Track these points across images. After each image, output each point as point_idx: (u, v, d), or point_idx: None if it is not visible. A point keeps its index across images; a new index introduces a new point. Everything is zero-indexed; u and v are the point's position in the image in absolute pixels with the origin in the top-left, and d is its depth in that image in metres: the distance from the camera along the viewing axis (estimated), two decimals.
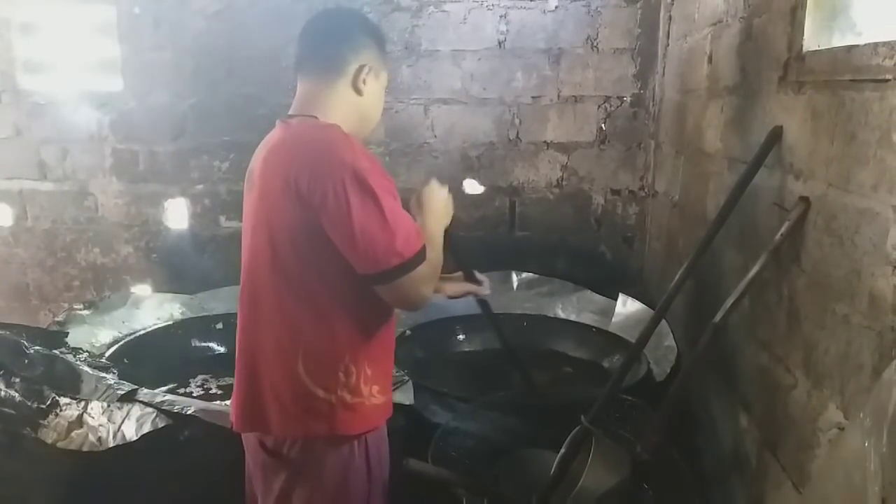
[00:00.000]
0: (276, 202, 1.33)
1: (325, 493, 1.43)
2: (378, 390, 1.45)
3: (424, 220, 1.49)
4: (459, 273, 1.75)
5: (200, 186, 3.27)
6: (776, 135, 1.59)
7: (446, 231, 1.54)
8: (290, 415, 1.40)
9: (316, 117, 1.42)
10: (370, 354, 1.43)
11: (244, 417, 1.47)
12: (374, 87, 1.50)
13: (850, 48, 1.30)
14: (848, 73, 1.29)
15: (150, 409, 1.88)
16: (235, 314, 2.77)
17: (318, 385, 1.38)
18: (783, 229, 1.46)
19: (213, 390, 2.48)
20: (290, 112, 1.48)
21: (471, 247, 2.91)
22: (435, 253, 1.43)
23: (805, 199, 1.43)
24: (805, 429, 1.40)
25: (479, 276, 1.75)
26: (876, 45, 1.18)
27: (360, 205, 1.26)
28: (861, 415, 1.14)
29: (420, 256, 1.33)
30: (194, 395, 2.43)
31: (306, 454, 1.42)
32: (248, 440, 1.54)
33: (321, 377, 1.38)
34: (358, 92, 1.47)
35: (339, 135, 1.35)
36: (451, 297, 1.70)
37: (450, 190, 1.57)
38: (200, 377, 2.56)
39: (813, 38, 1.49)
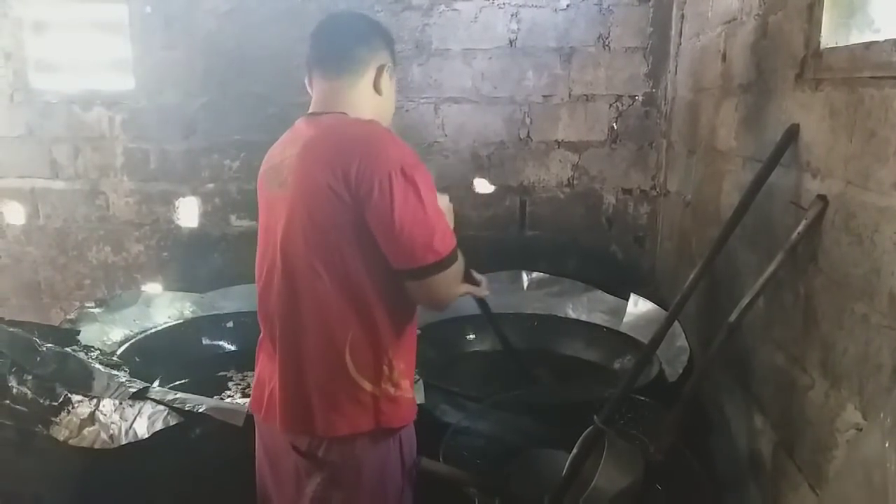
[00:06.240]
0: (318, 196, 1.32)
1: (364, 492, 1.43)
2: (409, 384, 1.47)
3: None
4: None
5: (211, 185, 3.28)
6: (792, 133, 1.57)
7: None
8: (336, 410, 1.39)
9: (346, 114, 1.43)
10: (403, 348, 1.45)
11: (290, 419, 1.44)
12: (390, 87, 1.54)
13: (868, 45, 1.29)
14: (867, 69, 1.27)
15: (161, 407, 1.88)
16: (246, 312, 2.78)
17: (365, 377, 1.39)
18: (800, 228, 1.44)
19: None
20: (313, 110, 1.48)
21: (480, 246, 2.91)
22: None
23: (822, 198, 1.41)
24: (822, 429, 1.39)
25: (476, 275, 1.70)
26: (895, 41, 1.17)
27: (403, 200, 1.28)
28: (881, 415, 1.12)
29: (454, 255, 1.36)
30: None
31: (345, 454, 1.41)
32: (273, 443, 1.52)
33: (368, 370, 1.39)
34: (378, 92, 1.49)
35: (383, 130, 1.39)
36: None
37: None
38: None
39: (830, 36, 1.48)
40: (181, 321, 2.84)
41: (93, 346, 2.37)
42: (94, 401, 1.92)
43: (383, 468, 1.43)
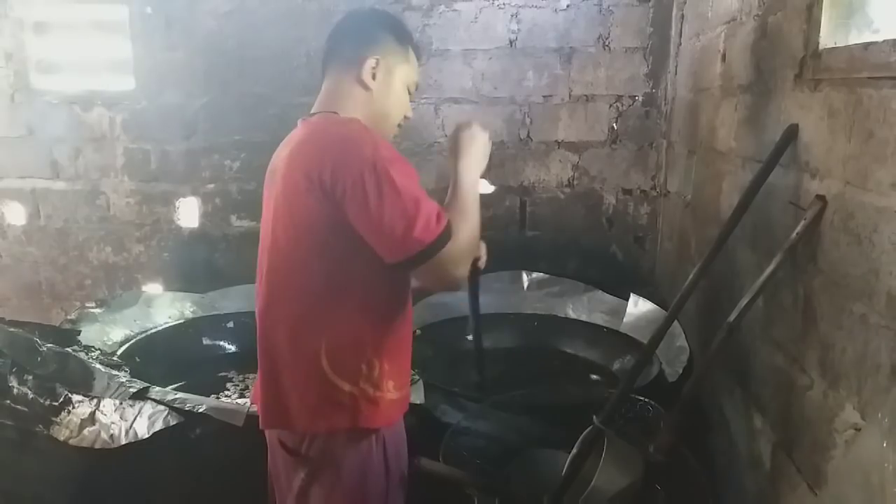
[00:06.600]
0: (298, 198, 1.32)
1: (344, 490, 1.42)
2: (393, 385, 1.44)
3: (461, 163, 1.48)
4: None
5: (211, 186, 3.29)
6: (792, 133, 1.57)
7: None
8: (313, 409, 1.39)
9: (336, 113, 1.43)
10: (388, 349, 1.43)
11: (267, 414, 1.46)
12: (386, 82, 1.48)
13: (867, 45, 1.29)
14: (865, 70, 1.27)
15: (161, 407, 1.89)
16: (246, 313, 2.78)
17: (341, 378, 1.38)
18: (799, 228, 1.44)
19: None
20: (312, 110, 1.48)
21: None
22: (472, 206, 1.43)
23: (821, 198, 1.41)
24: (821, 429, 1.39)
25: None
26: (894, 41, 1.17)
27: (378, 197, 1.26)
28: (880, 415, 1.13)
29: (442, 239, 1.29)
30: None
31: (325, 452, 1.41)
32: (270, 438, 1.53)
33: (345, 370, 1.38)
34: (363, 86, 1.45)
35: (359, 128, 1.35)
36: None
37: None
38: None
39: (829, 36, 1.48)
40: (181, 321, 2.85)
41: (93, 347, 2.37)
42: (95, 401, 1.92)
43: (364, 468, 1.42)
